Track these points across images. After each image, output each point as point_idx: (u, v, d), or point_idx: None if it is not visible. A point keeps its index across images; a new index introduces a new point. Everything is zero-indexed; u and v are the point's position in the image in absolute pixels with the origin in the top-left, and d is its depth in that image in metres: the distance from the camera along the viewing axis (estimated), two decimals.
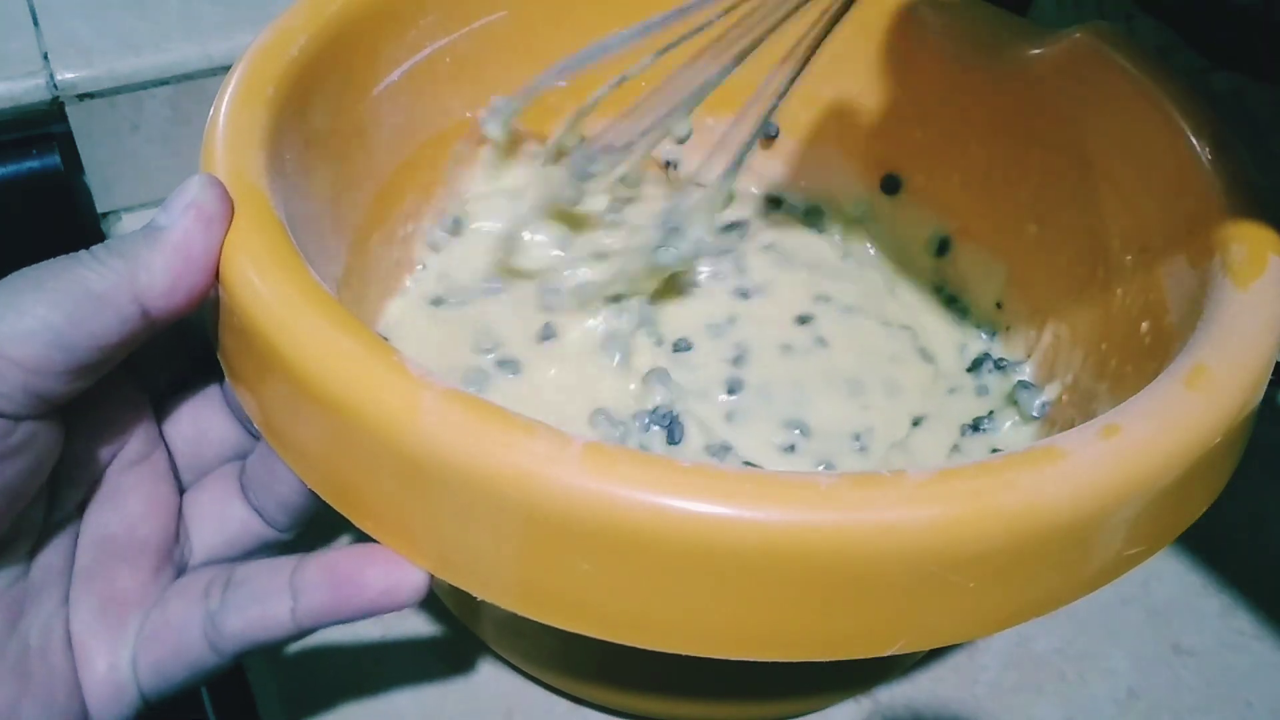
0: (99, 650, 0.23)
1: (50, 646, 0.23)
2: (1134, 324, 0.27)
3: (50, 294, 0.20)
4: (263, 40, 0.26)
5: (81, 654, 0.23)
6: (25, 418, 0.21)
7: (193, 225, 0.21)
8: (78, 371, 0.21)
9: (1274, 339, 0.22)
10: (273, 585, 0.23)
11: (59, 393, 0.21)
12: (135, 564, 0.24)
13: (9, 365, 0.20)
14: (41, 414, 0.21)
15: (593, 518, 0.18)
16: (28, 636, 0.22)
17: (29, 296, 0.20)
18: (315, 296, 0.21)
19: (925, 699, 0.31)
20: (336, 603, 0.22)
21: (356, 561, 0.22)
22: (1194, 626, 0.34)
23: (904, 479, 0.18)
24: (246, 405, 0.23)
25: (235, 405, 0.26)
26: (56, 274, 0.21)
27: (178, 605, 0.23)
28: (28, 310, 0.20)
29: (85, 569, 0.24)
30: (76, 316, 0.20)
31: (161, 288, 0.21)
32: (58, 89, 0.39)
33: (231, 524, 0.25)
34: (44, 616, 0.23)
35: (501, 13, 0.32)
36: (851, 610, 0.19)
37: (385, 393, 0.19)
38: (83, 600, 0.23)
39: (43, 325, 0.20)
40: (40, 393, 0.20)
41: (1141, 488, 0.19)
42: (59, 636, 0.23)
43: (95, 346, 0.21)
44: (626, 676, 0.28)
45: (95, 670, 0.23)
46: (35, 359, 0.20)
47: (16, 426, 0.20)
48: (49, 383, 0.21)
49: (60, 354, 0.20)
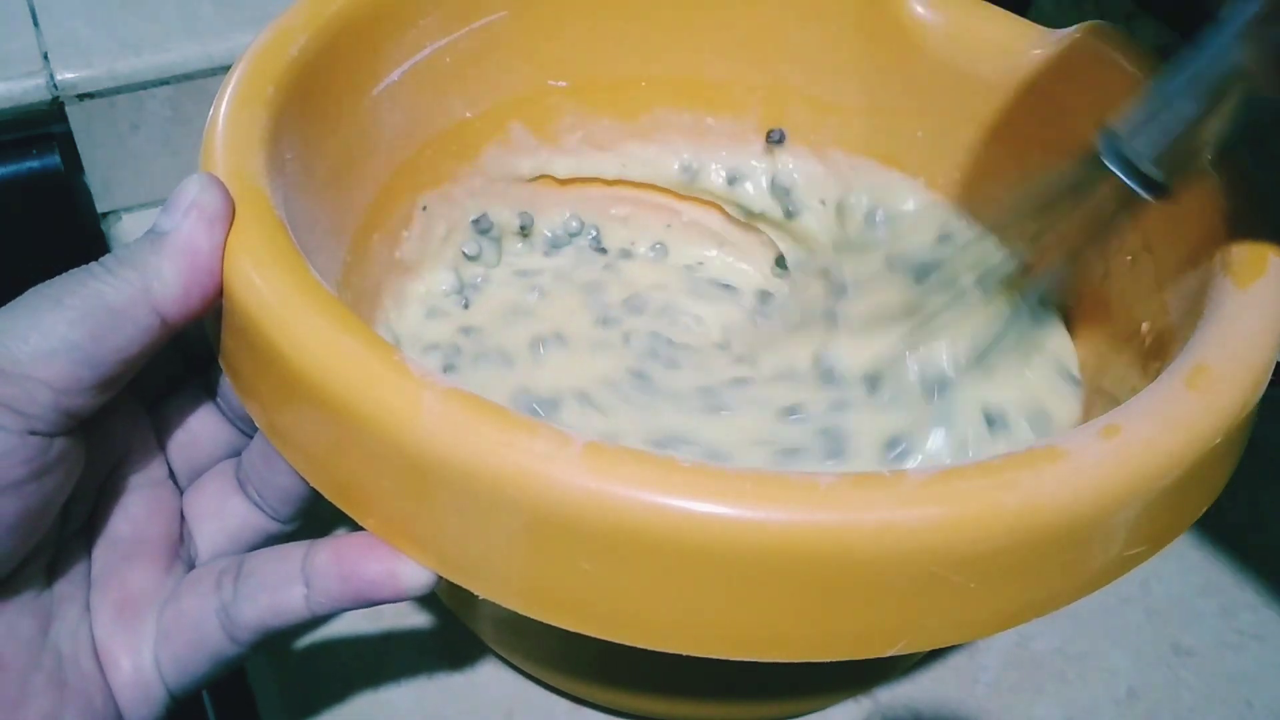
0: (122, 651, 0.23)
1: (80, 654, 0.23)
2: (1134, 324, 0.27)
3: (70, 311, 0.21)
4: (263, 40, 0.26)
5: (106, 658, 0.23)
6: (58, 434, 0.21)
7: (196, 227, 0.21)
8: (104, 385, 0.21)
9: (1274, 339, 0.22)
10: (284, 573, 0.23)
11: (87, 408, 0.21)
12: (145, 563, 0.24)
13: (39, 386, 0.20)
14: (71, 429, 0.21)
15: (593, 517, 0.18)
16: (59, 646, 0.23)
17: (49, 316, 0.21)
18: (316, 296, 0.21)
19: (925, 699, 0.31)
20: (347, 590, 0.22)
21: (364, 549, 0.22)
22: (1194, 626, 0.34)
23: (904, 479, 0.18)
24: (248, 405, 0.23)
25: (226, 404, 0.26)
26: (73, 290, 0.21)
27: (191, 599, 0.24)
28: (50, 330, 0.20)
29: (99, 575, 0.24)
30: (98, 333, 0.21)
31: (175, 294, 0.21)
32: (58, 89, 0.39)
33: (233, 520, 0.26)
34: (71, 624, 0.23)
35: (501, 13, 0.32)
36: (851, 610, 0.19)
37: (386, 392, 0.19)
38: (101, 605, 0.24)
39: (66, 344, 0.20)
40: (70, 410, 0.21)
41: (1142, 488, 0.19)
42: (86, 643, 0.23)
43: (119, 360, 0.21)
44: (626, 676, 0.28)
45: (121, 672, 0.23)
46: (65, 379, 0.20)
47: (52, 444, 0.21)
48: (78, 399, 0.21)
49: (88, 371, 0.21)
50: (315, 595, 0.22)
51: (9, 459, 0.20)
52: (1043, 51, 0.31)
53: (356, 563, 0.22)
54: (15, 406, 0.20)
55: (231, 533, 0.26)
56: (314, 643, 0.31)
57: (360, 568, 0.22)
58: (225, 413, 0.26)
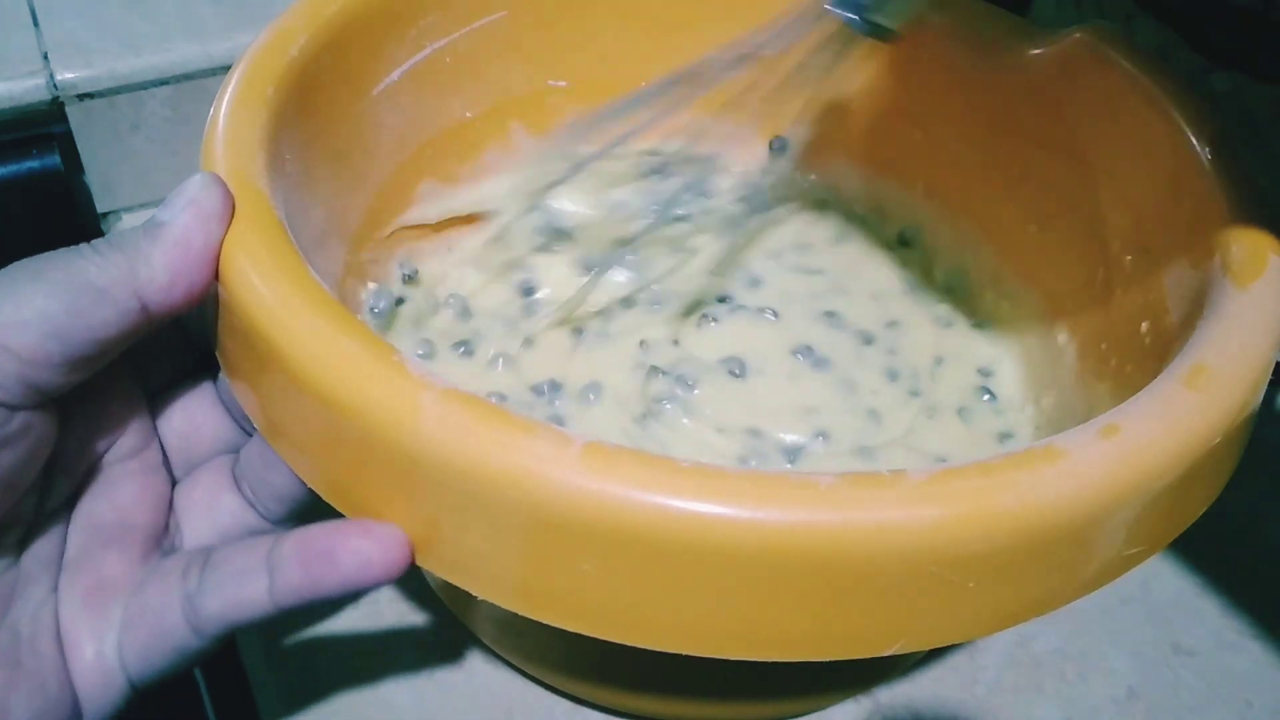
0: (86, 637, 0.23)
1: (39, 636, 0.22)
2: (1134, 324, 0.27)
3: (49, 285, 0.20)
4: (263, 40, 0.26)
5: (69, 642, 0.23)
6: (20, 408, 0.21)
7: (193, 222, 0.21)
8: (74, 364, 0.21)
9: (1274, 339, 0.22)
10: (249, 564, 0.22)
11: (54, 384, 0.21)
12: (122, 550, 0.24)
13: (4, 354, 0.20)
14: (37, 405, 0.21)
15: (592, 518, 0.18)
16: (17, 625, 0.22)
17: (28, 287, 0.20)
18: (315, 296, 0.21)
19: (925, 699, 0.31)
20: (311, 579, 0.21)
21: (330, 537, 0.21)
22: (1194, 626, 0.34)
23: (904, 479, 0.18)
24: (245, 404, 0.23)
25: (229, 400, 0.26)
26: (56, 265, 0.21)
27: (157, 588, 0.23)
28: (26, 300, 0.20)
29: (73, 557, 0.24)
30: (75, 308, 0.20)
31: (160, 283, 0.21)
32: (58, 89, 0.39)
33: (223, 516, 0.25)
34: (33, 606, 0.23)
35: (501, 13, 0.32)
36: (851, 610, 0.19)
37: (385, 393, 0.19)
38: (70, 587, 0.23)
39: (40, 315, 0.20)
40: (35, 383, 0.21)
41: (1141, 488, 0.19)
42: (48, 626, 0.23)
43: (92, 339, 0.21)
44: (626, 676, 0.28)
45: (83, 658, 0.23)
46: (31, 349, 0.20)
47: (12, 416, 0.21)
48: (44, 374, 0.21)
49: (57, 345, 0.20)
50: (278, 585, 0.22)
51: None
52: (1043, 51, 0.31)
53: (319, 549, 0.21)
54: None
55: (221, 528, 0.25)
56: (314, 642, 0.31)
57: (323, 553, 0.21)
58: (229, 408, 0.26)
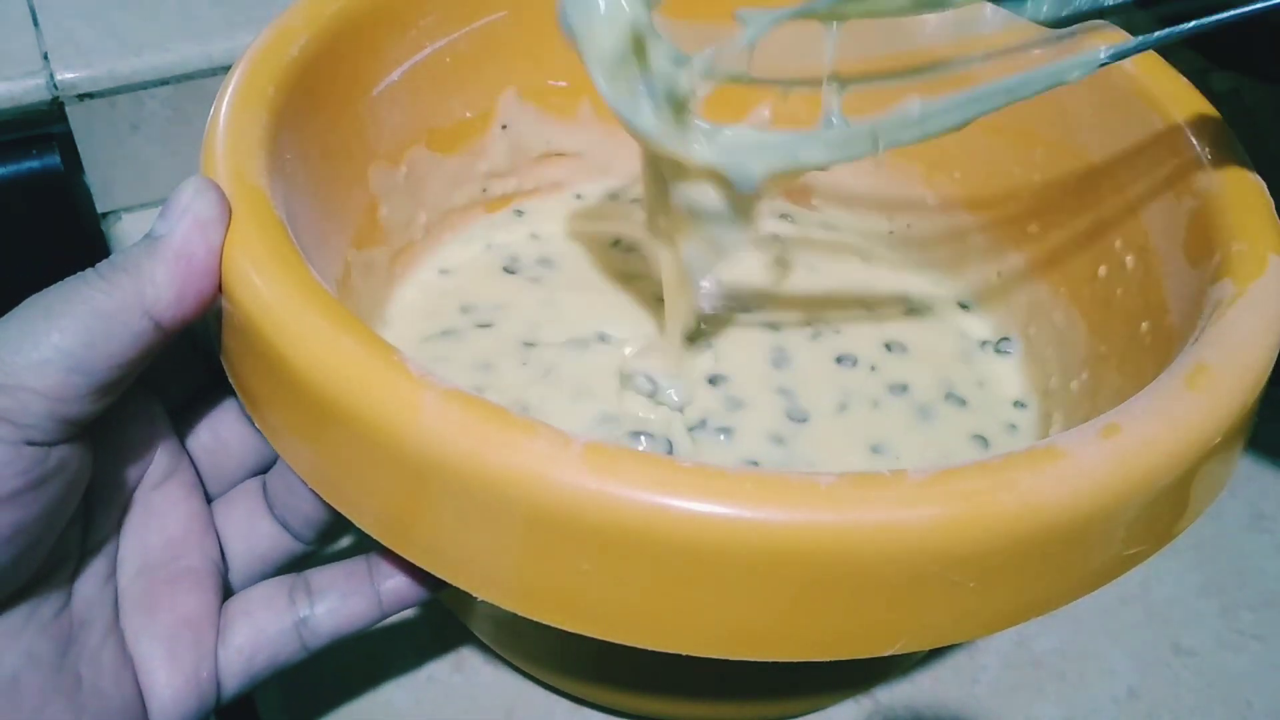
0: (172, 672, 0.23)
1: (101, 677, 0.23)
2: (1134, 324, 0.27)
3: (61, 319, 0.21)
4: (263, 40, 0.26)
5: (149, 681, 0.23)
6: (56, 443, 0.21)
7: (191, 231, 0.21)
8: (100, 391, 0.21)
9: (1274, 339, 0.22)
10: (352, 586, 0.25)
11: (85, 414, 0.21)
12: (191, 590, 0.24)
13: (33, 396, 0.20)
14: (71, 437, 0.21)
15: (593, 518, 0.18)
16: (78, 668, 0.22)
17: (41, 324, 0.20)
18: (316, 296, 0.21)
19: (925, 699, 0.31)
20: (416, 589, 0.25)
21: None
22: (1194, 626, 0.34)
23: (903, 479, 0.18)
24: (246, 403, 0.23)
25: None
26: (65, 298, 0.21)
27: (266, 615, 0.25)
28: (42, 338, 0.20)
29: (141, 598, 0.24)
30: (90, 340, 0.21)
31: (169, 299, 0.21)
32: (58, 89, 0.39)
33: (263, 542, 0.26)
34: (92, 647, 0.23)
35: (501, 13, 0.32)
36: (851, 610, 0.19)
37: (386, 393, 0.19)
38: (147, 629, 0.24)
39: (58, 352, 0.20)
40: (67, 417, 0.21)
41: (1141, 488, 0.19)
42: (109, 666, 0.23)
43: (113, 365, 0.21)
44: (626, 676, 0.28)
45: (162, 695, 0.23)
46: (58, 387, 0.20)
47: (49, 453, 0.21)
48: (74, 407, 0.21)
49: (81, 378, 0.21)
50: (387, 598, 0.25)
51: (3, 470, 0.20)
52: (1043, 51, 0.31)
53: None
54: (9, 418, 0.20)
55: (261, 554, 0.26)
56: None
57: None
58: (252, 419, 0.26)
